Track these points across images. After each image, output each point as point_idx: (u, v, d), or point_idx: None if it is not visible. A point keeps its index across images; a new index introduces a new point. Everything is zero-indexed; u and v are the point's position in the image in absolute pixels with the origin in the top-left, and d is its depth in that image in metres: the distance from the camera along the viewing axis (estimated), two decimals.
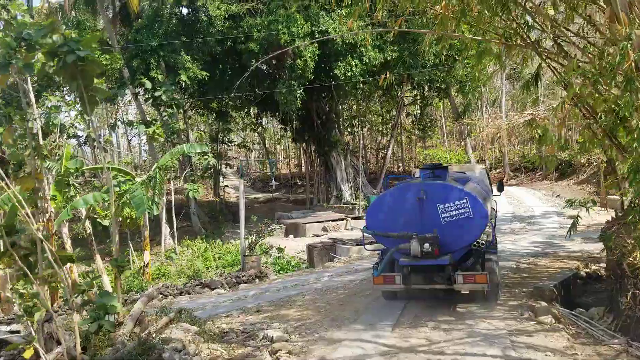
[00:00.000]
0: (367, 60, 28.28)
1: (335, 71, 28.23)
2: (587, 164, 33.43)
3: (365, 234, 10.52)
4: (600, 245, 13.46)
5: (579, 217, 8.76)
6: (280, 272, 20.39)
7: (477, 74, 11.34)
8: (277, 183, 32.15)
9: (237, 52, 29.58)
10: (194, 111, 45.30)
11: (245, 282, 16.28)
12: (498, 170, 43.24)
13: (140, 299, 8.64)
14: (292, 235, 28.51)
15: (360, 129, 39.03)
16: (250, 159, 59.16)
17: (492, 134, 36.61)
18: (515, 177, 40.52)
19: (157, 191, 18.82)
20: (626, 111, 6.72)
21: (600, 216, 18.59)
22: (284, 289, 13.44)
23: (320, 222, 28.55)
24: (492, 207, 10.96)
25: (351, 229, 27.94)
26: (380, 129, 47.50)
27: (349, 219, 28.37)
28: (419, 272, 9.25)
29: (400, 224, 9.31)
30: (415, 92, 42.21)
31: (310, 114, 36.61)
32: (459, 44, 33.28)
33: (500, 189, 13.28)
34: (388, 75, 10.20)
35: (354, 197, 35.77)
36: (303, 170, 54.51)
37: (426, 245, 8.84)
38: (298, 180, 55.11)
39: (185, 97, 32.64)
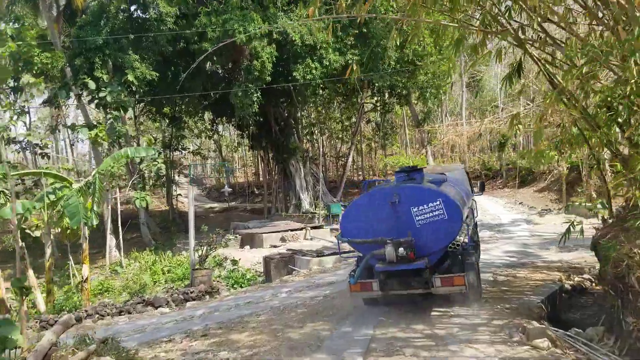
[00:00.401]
0: (328, 63, 27.11)
1: (294, 74, 26.93)
2: (547, 172, 33.22)
3: (341, 242, 10.27)
4: (580, 254, 12.63)
5: (574, 224, 7.67)
6: (235, 286, 18.83)
7: (450, 66, 10.18)
8: (231, 189, 30.46)
9: (190, 52, 27.93)
10: (145, 117, 43.15)
11: (194, 299, 14.66)
12: None
13: (52, 329, 6.98)
14: (248, 246, 26.93)
15: (319, 136, 37.84)
16: (205, 165, 57.11)
17: (453, 140, 36.06)
18: (476, 185, 40.23)
19: (96, 199, 16.99)
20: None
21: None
22: (236, 308, 11.91)
23: (278, 232, 27.06)
24: (470, 207, 10.60)
25: (311, 239, 26.58)
26: (340, 136, 46.43)
27: (309, 228, 27.00)
28: (396, 277, 9.02)
29: (374, 229, 9.08)
30: (375, 98, 41.41)
31: (268, 119, 35.17)
32: (420, 50, 32.91)
33: (482, 188, 13.25)
34: (355, 68, 8.98)
35: (313, 206, 34.47)
36: (261, 179, 52.86)
37: (401, 249, 8.65)
38: (256, 189, 53.43)
39: (135, 99, 30.63)
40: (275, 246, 25.65)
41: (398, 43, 12.47)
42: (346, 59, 28.30)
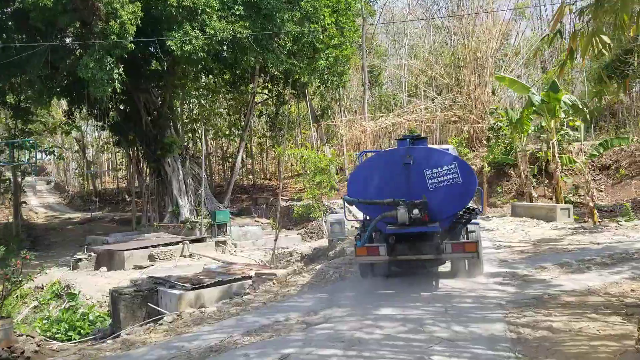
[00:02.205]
0: (212, 32, 21.38)
1: (169, 43, 20.89)
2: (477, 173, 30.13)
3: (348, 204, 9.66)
4: (604, 276, 8.27)
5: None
6: (69, 335, 12.56)
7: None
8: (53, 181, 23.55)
9: (25, 15, 20.94)
10: None
11: None
12: None
13: None
14: (104, 268, 20.37)
15: (202, 133, 31.56)
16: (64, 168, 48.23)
17: (357, 137, 31.83)
18: None
19: None
20: None
21: (537, 229, 14.01)
22: None
23: (146, 247, 20.71)
24: None
25: (189, 256, 20.59)
26: (228, 133, 40.34)
27: (187, 242, 20.95)
28: (406, 242, 8.65)
29: (384, 191, 8.76)
30: (269, 87, 36.18)
31: (137, 107, 28.51)
32: (320, 30, 28.30)
33: None
34: None
35: (194, 214, 28.35)
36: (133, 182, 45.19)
37: (415, 211, 8.33)
38: (127, 196, 45.63)
39: None
40: (140, 267, 19.36)
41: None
42: (235, 30, 22.78)
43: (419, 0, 44.95)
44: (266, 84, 35.47)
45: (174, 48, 20.79)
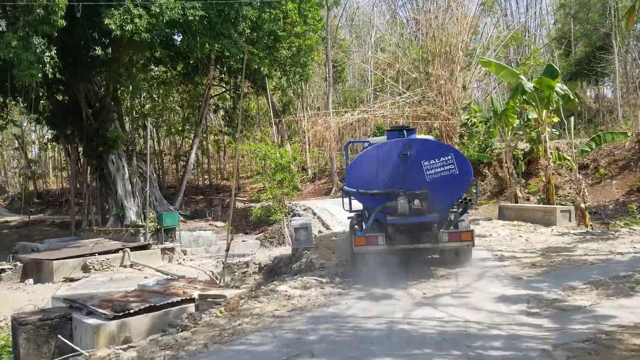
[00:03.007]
0: (158, 11, 18.77)
1: (107, 21, 18.17)
2: None
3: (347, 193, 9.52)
4: None
5: None
6: None
7: None
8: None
9: None
10: None
11: None
12: (323, 181, 36.60)
13: None
14: (31, 280, 17.51)
15: (149, 124, 28.58)
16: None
17: (321, 134, 29.63)
18: None
19: None
20: None
21: (537, 235, 12.07)
22: None
23: (80, 256, 17.93)
24: None
25: (130, 266, 17.93)
26: (180, 128, 37.30)
27: (128, 250, 18.24)
28: (405, 231, 8.82)
29: (382, 181, 8.91)
30: (225, 80, 33.56)
31: (76, 98, 25.50)
32: (282, 17, 26.01)
33: None
34: None
35: (142, 217, 25.53)
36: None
37: (416, 201, 8.50)
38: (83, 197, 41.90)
39: None
40: (72, 280, 16.67)
41: None
42: (185, 10, 20.25)
43: None
44: (223, 75, 32.87)
45: (113, 27, 18.10)
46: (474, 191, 12.40)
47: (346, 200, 10.09)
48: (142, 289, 10.49)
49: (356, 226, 9.50)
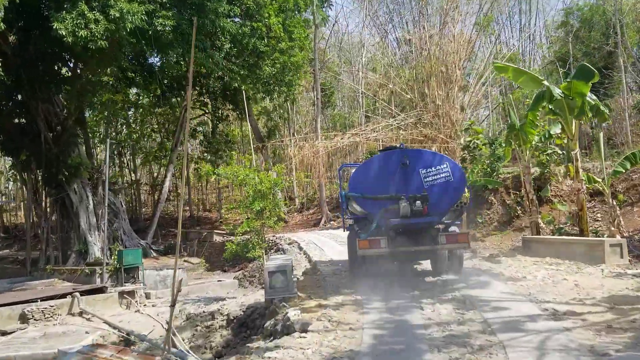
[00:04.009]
0: (118, 16, 16.25)
1: (56, 26, 15.61)
2: None
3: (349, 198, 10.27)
4: None
5: None
6: None
7: None
8: None
9: None
10: None
11: None
12: (311, 211, 33.78)
13: None
14: None
15: (108, 147, 25.79)
16: None
17: (308, 159, 27.03)
18: (336, 219, 31.23)
19: None
20: None
21: (584, 277, 9.27)
22: None
23: (19, 303, 14.91)
24: None
25: (80, 314, 14.91)
26: (157, 154, 34.33)
27: (78, 295, 15.23)
28: (405, 234, 9.59)
29: (383, 189, 9.59)
30: (204, 101, 30.97)
31: (35, 120, 22.77)
32: (265, 31, 23.69)
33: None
34: None
35: (108, 254, 22.53)
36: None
37: (417, 202, 9.16)
38: (40, 231, 38.74)
39: None
40: (4, 333, 13.63)
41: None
42: (152, 20, 17.83)
43: (372, 18, 41.37)
44: (202, 97, 30.31)
45: (64, 33, 15.53)
46: (469, 196, 12.41)
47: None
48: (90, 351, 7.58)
49: (359, 230, 10.10)
